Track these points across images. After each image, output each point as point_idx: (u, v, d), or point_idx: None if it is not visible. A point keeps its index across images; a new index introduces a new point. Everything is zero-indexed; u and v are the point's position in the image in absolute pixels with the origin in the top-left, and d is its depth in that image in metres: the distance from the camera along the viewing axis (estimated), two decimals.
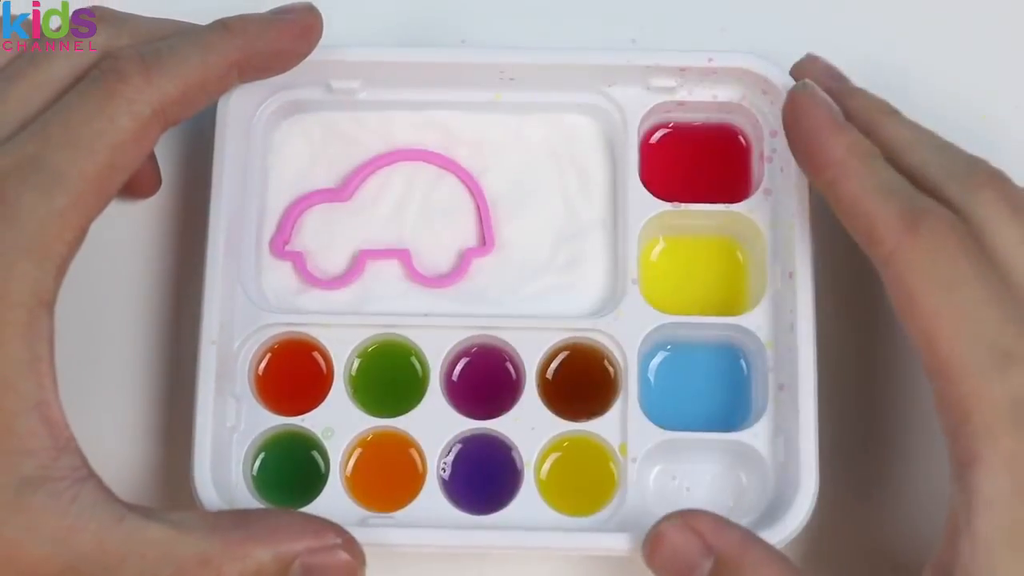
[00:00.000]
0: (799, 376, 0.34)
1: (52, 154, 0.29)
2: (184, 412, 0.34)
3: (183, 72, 0.31)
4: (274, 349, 0.36)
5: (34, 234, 0.28)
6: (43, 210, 0.29)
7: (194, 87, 0.31)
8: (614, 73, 0.37)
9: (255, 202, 0.37)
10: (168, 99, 0.30)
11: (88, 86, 0.30)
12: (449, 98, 0.38)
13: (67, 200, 0.29)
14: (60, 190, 0.29)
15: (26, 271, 0.28)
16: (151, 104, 0.30)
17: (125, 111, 0.30)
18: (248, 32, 0.32)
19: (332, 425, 0.35)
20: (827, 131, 0.32)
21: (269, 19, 0.33)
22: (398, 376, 0.36)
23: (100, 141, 0.29)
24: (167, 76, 0.30)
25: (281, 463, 0.35)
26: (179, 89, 0.31)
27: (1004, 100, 0.39)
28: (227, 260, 0.35)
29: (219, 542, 0.29)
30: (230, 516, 0.31)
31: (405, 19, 0.40)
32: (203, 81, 0.31)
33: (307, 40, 0.34)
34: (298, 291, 0.37)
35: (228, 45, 0.32)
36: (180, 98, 0.31)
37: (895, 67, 0.39)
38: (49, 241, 0.29)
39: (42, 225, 0.29)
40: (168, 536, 0.29)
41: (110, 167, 0.30)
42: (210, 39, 0.32)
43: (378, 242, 0.37)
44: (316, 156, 0.38)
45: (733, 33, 0.40)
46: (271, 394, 0.36)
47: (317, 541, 0.30)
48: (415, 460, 0.35)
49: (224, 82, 0.32)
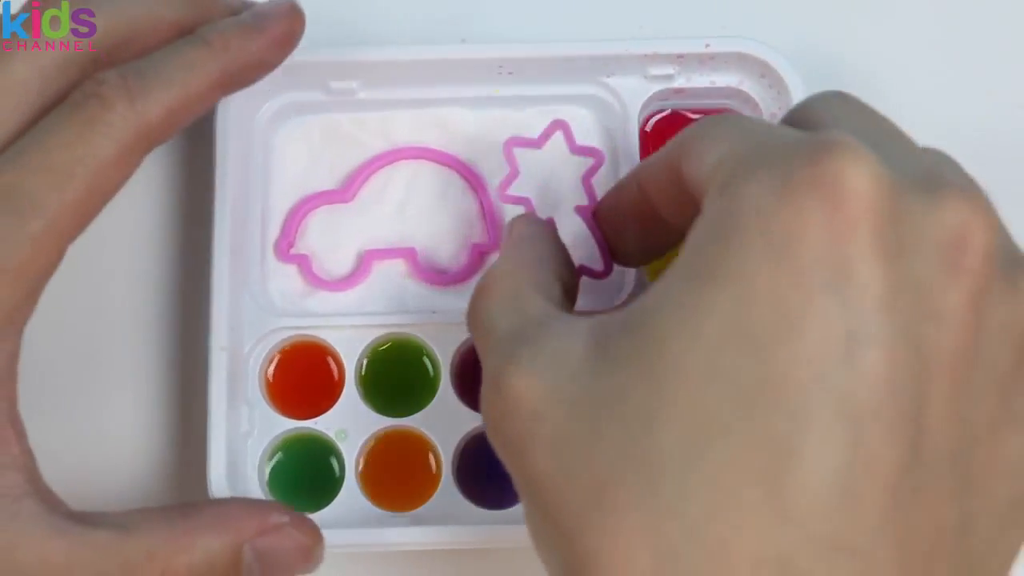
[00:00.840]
0: None
1: (28, 179, 0.29)
2: (197, 419, 0.34)
3: (166, 96, 0.30)
4: (284, 352, 0.36)
5: (6, 257, 0.28)
6: (17, 234, 0.28)
7: (178, 110, 0.31)
8: (612, 63, 0.37)
9: (258, 206, 0.37)
10: (151, 124, 0.30)
11: (69, 111, 0.29)
12: (448, 94, 0.37)
13: (42, 225, 0.29)
14: (35, 215, 0.28)
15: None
16: (134, 130, 0.30)
17: (106, 136, 0.29)
18: (230, 48, 0.32)
19: (345, 427, 0.35)
20: None
21: (251, 29, 0.32)
22: (409, 375, 0.36)
23: (80, 167, 0.29)
24: (151, 101, 0.30)
25: (296, 466, 0.35)
26: (162, 113, 0.30)
27: (1004, 100, 0.40)
28: (233, 265, 0.35)
29: (164, 536, 0.29)
30: (177, 509, 0.31)
31: (402, 18, 0.40)
32: (186, 103, 0.31)
33: (290, 46, 0.33)
34: (305, 294, 0.37)
35: (211, 64, 0.31)
36: (163, 122, 0.30)
37: (894, 65, 0.39)
38: (22, 264, 0.29)
39: (15, 248, 0.28)
40: (112, 538, 0.29)
41: (89, 192, 0.29)
42: (192, 58, 0.31)
43: (383, 242, 0.37)
44: (317, 158, 0.38)
45: (733, 29, 0.40)
46: (283, 398, 0.36)
47: (262, 522, 0.30)
48: (429, 459, 0.35)
49: (207, 101, 0.32)
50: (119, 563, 0.29)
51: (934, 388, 0.23)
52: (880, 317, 0.22)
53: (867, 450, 0.22)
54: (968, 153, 0.39)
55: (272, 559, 0.31)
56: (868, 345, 0.22)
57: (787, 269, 0.23)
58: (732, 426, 0.22)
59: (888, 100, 0.39)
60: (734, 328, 0.23)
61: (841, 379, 0.22)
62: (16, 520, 0.28)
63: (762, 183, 0.23)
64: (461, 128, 0.38)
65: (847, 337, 0.22)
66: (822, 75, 0.38)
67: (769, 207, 0.23)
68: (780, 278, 0.23)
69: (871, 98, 0.39)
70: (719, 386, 0.23)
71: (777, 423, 0.22)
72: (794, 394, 0.22)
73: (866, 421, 0.22)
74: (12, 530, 0.28)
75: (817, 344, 0.22)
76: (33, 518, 0.29)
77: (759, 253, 0.23)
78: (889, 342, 0.22)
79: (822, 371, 0.22)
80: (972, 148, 0.40)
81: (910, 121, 0.39)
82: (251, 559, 0.30)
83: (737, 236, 0.23)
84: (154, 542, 0.29)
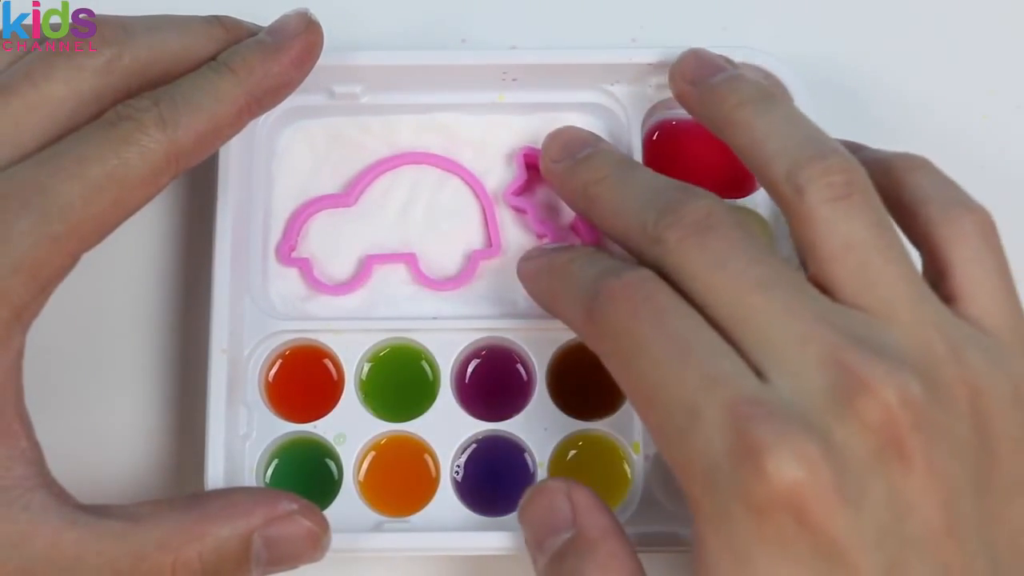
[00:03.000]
0: None
1: (60, 184, 0.29)
2: (196, 421, 0.34)
3: (196, 123, 0.31)
4: (284, 356, 0.36)
5: (24, 254, 0.29)
6: (39, 234, 0.29)
7: (206, 136, 0.31)
8: (616, 71, 0.37)
9: (260, 209, 0.37)
10: (181, 148, 0.31)
11: (105, 128, 0.30)
12: (452, 100, 0.38)
13: (64, 228, 0.29)
14: (60, 218, 0.29)
15: (9, 287, 0.29)
16: (165, 152, 0.30)
17: (139, 156, 0.30)
18: (254, 73, 0.32)
19: (344, 431, 0.35)
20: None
21: (272, 50, 0.33)
22: (409, 380, 0.36)
23: (110, 181, 0.30)
24: (183, 128, 0.31)
25: (294, 470, 0.35)
26: (192, 139, 0.31)
27: (1004, 100, 0.40)
28: (234, 268, 0.35)
29: (174, 525, 0.30)
30: (185, 500, 0.31)
31: (405, 21, 0.40)
32: (215, 130, 0.32)
33: (311, 61, 0.34)
34: (306, 297, 0.37)
35: (237, 91, 0.32)
36: (193, 147, 0.31)
37: (895, 66, 0.40)
38: (38, 264, 0.29)
39: (34, 247, 0.29)
40: (123, 529, 0.29)
41: (115, 206, 0.30)
42: (219, 86, 0.32)
43: (384, 246, 0.37)
44: (320, 162, 0.38)
45: (733, 32, 0.40)
46: (282, 401, 0.36)
47: (271, 511, 0.31)
48: (428, 464, 0.35)
49: (236, 127, 0.32)
50: (130, 553, 0.29)
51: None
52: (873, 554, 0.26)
53: None
54: (968, 154, 0.39)
55: (281, 547, 0.31)
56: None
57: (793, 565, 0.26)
58: None
59: (889, 104, 0.39)
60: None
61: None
62: (27, 511, 0.29)
63: (737, 507, 0.26)
64: (464, 134, 0.38)
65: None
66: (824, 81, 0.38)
67: (750, 538, 0.26)
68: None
69: (872, 103, 0.40)
70: None
71: None
72: None
73: None
74: (24, 521, 0.28)
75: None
76: (44, 509, 0.29)
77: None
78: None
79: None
80: (972, 150, 0.40)
81: (911, 124, 0.39)
82: (260, 547, 0.30)
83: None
84: (164, 532, 0.30)
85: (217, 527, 0.30)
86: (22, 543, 0.28)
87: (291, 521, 0.31)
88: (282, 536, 0.31)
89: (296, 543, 0.31)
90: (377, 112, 0.38)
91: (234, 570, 0.30)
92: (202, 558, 0.30)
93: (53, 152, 0.30)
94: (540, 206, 0.37)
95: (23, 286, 0.29)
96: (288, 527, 0.31)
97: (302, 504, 0.31)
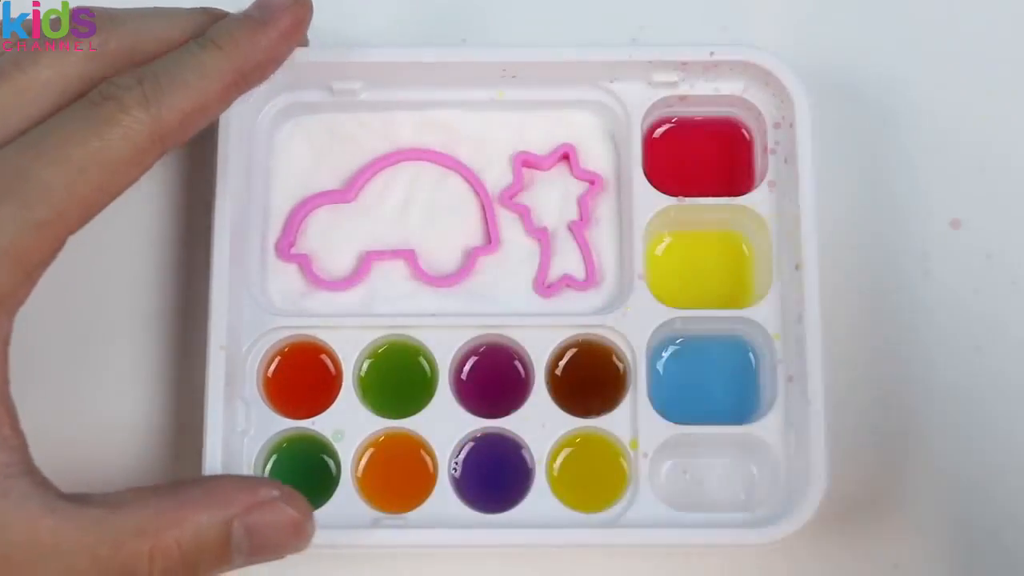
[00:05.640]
0: (807, 367, 0.34)
1: (42, 168, 0.29)
2: (195, 417, 0.34)
3: (181, 101, 0.31)
4: (283, 352, 0.36)
5: (8, 241, 0.29)
6: (22, 220, 0.29)
7: (192, 114, 0.31)
8: (616, 69, 0.37)
9: (259, 205, 0.37)
10: (166, 127, 0.31)
11: (87, 108, 0.30)
12: (451, 97, 0.37)
13: (48, 213, 0.29)
14: (43, 203, 0.29)
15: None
16: (149, 132, 0.30)
17: (122, 137, 0.30)
18: (240, 47, 0.32)
19: (342, 427, 0.35)
20: None
21: (259, 25, 0.33)
22: (407, 377, 0.36)
23: (93, 163, 0.29)
24: (166, 107, 0.30)
25: (292, 466, 0.35)
26: (177, 118, 0.31)
27: (1004, 100, 0.40)
28: (233, 264, 0.35)
29: (153, 512, 0.30)
30: (167, 487, 0.31)
31: (405, 18, 0.40)
32: (201, 107, 0.31)
33: (299, 35, 0.33)
34: (305, 293, 0.37)
35: (223, 67, 0.32)
36: (178, 126, 0.31)
37: (895, 67, 0.39)
38: (22, 249, 0.29)
39: (18, 233, 0.29)
40: (101, 516, 0.29)
41: (99, 189, 0.30)
42: (205, 62, 0.31)
43: (383, 243, 0.37)
44: (319, 158, 0.38)
45: (733, 32, 0.40)
46: (280, 397, 0.36)
47: (252, 497, 0.30)
48: (426, 460, 0.35)
49: (222, 104, 0.32)
50: (108, 540, 0.29)
51: None
52: None
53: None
54: (969, 155, 0.39)
55: (262, 535, 0.30)
56: None
57: None
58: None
59: (890, 106, 0.39)
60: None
61: None
62: (7, 498, 0.29)
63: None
64: (464, 131, 0.38)
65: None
66: (824, 81, 0.38)
67: None
68: None
69: (874, 104, 0.40)
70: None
71: None
72: None
73: None
74: (2, 508, 0.28)
75: None
76: (24, 497, 0.29)
77: None
78: None
79: None
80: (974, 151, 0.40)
81: (911, 124, 0.39)
82: (240, 535, 0.30)
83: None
84: (143, 518, 0.29)
85: (196, 514, 0.30)
86: (1, 531, 0.28)
87: (273, 508, 0.31)
88: (263, 523, 0.30)
89: (278, 531, 0.31)
90: (376, 108, 0.38)
91: (215, 558, 0.30)
92: (180, 545, 0.29)
93: (36, 135, 0.30)
94: (537, 207, 0.37)
95: (8, 273, 0.29)
96: (269, 514, 0.31)
97: (284, 491, 0.31)
